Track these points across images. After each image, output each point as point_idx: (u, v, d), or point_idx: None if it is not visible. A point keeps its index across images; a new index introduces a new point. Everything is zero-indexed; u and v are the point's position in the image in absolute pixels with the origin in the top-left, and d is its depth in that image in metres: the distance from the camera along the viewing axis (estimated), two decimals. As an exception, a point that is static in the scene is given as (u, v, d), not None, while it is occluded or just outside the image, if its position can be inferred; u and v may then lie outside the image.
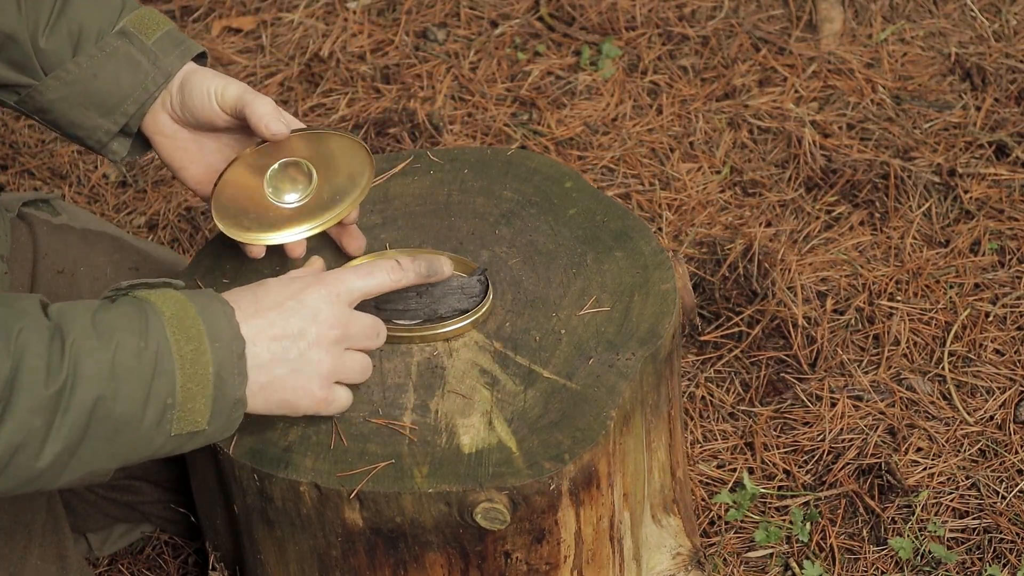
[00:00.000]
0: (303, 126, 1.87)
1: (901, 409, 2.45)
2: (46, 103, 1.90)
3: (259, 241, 1.93)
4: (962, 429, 2.42)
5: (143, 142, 1.95)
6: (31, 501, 1.94)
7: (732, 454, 2.41)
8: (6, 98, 1.92)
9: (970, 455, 2.39)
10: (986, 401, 2.46)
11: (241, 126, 1.87)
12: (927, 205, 2.77)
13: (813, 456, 2.40)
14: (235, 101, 1.84)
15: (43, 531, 1.95)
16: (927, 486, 2.34)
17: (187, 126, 1.91)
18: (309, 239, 1.96)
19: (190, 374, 1.58)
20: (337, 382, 1.72)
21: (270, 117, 1.80)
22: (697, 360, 2.55)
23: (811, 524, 2.30)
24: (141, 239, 2.22)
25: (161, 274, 2.09)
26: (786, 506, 2.33)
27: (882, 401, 2.46)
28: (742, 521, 2.32)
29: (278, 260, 1.97)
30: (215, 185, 1.84)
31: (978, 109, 2.97)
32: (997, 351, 2.53)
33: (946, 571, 2.24)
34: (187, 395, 1.58)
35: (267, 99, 1.83)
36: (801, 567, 2.24)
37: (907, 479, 2.34)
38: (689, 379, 2.52)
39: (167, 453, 1.63)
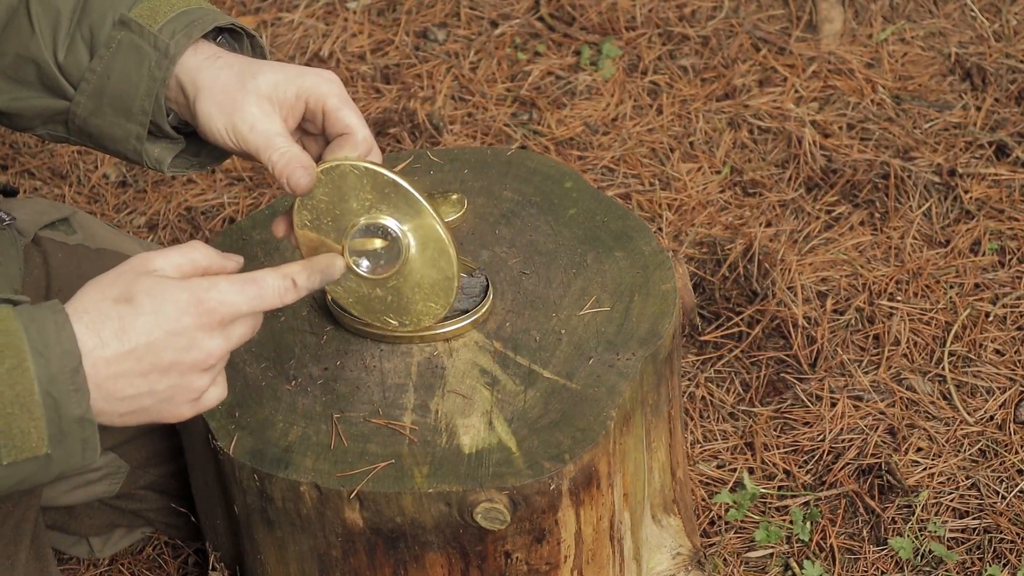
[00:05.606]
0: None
1: (901, 409, 2.45)
2: (83, 123, 1.71)
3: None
4: (962, 429, 2.42)
5: (209, 150, 1.75)
6: (16, 535, 1.90)
7: (732, 454, 2.41)
8: (57, 131, 1.75)
9: (970, 455, 2.39)
10: (986, 401, 2.46)
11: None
12: (927, 205, 2.77)
13: (813, 456, 2.40)
14: (256, 151, 1.64)
15: (26, 563, 1.93)
16: (927, 486, 2.34)
17: None
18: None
19: (8, 396, 1.42)
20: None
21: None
22: (697, 360, 2.54)
23: (811, 524, 2.30)
24: (154, 247, 2.17)
25: None
26: (786, 506, 2.33)
27: (882, 401, 2.46)
28: (742, 521, 2.31)
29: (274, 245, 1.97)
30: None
31: (978, 109, 2.97)
32: (997, 351, 2.53)
33: (946, 571, 2.24)
34: (8, 419, 1.42)
35: (295, 151, 1.62)
36: (801, 567, 2.24)
37: (907, 479, 2.34)
38: (689, 379, 2.52)
39: (18, 485, 1.47)
